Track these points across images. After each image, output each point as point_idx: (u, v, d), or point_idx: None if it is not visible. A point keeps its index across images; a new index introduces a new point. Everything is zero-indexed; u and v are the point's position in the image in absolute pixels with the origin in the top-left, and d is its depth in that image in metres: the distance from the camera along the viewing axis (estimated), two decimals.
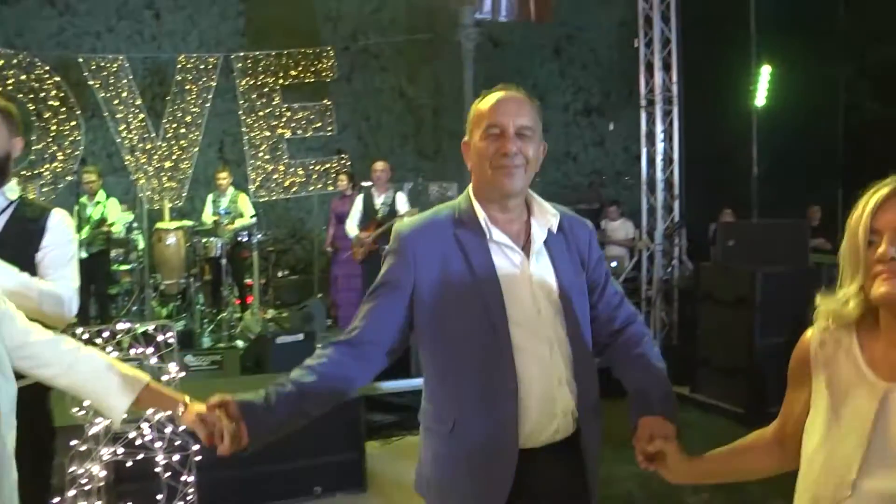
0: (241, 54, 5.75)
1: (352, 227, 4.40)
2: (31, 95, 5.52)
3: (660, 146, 5.39)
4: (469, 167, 1.03)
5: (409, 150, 6.07)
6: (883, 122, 5.98)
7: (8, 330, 0.85)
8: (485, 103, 1.01)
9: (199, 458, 1.97)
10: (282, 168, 5.83)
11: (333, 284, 4.91)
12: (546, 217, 1.04)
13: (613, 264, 5.33)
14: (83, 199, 4.49)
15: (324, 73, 5.83)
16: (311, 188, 5.81)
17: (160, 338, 1.96)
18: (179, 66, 5.69)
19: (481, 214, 1.01)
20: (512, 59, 5.80)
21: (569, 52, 6.25)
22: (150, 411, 1.57)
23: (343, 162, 5.82)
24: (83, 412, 1.41)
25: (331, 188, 5.66)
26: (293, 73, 5.77)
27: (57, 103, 5.59)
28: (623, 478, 2.94)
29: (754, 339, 3.21)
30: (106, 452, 1.33)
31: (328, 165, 5.84)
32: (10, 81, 5.44)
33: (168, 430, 1.97)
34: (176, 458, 2.00)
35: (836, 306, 0.69)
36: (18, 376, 1.00)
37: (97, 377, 0.88)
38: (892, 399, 0.64)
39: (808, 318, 0.77)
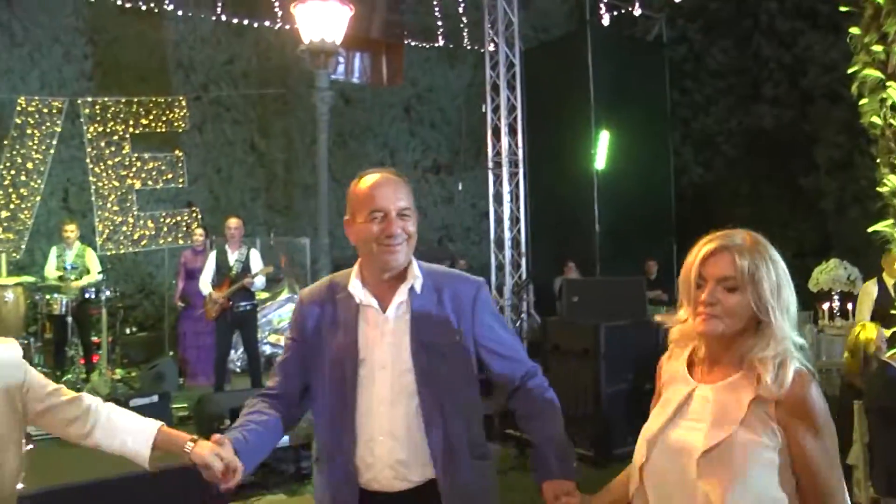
0: (89, 99, 7.23)
1: (205, 284, 5.46)
2: None
3: (507, 206, 7.34)
4: (353, 242, 1.47)
5: (260, 203, 8.26)
6: (705, 184, 8.27)
7: (34, 397, 1.16)
8: (364, 187, 1.43)
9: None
10: (131, 220, 7.57)
11: (182, 340, 6.44)
12: (412, 280, 1.48)
13: None
14: None
15: (175, 123, 7.46)
16: (161, 241, 7.54)
17: None
18: (19, 108, 7.03)
19: (355, 281, 1.49)
20: (363, 117, 7.62)
21: (418, 111, 8.33)
22: None
23: (194, 215, 7.41)
24: None
25: (181, 241, 7.44)
26: (143, 121, 7.32)
27: None
28: None
29: (600, 387, 4.08)
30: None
31: (179, 218, 7.72)
32: None
33: None
34: None
35: (682, 327, 1.19)
36: None
37: (117, 432, 1.23)
38: (695, 394, 1.18)
39: (649, 365, 1.27)
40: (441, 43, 8.03)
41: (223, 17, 7.32)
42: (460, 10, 7.96)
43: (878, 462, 2.64)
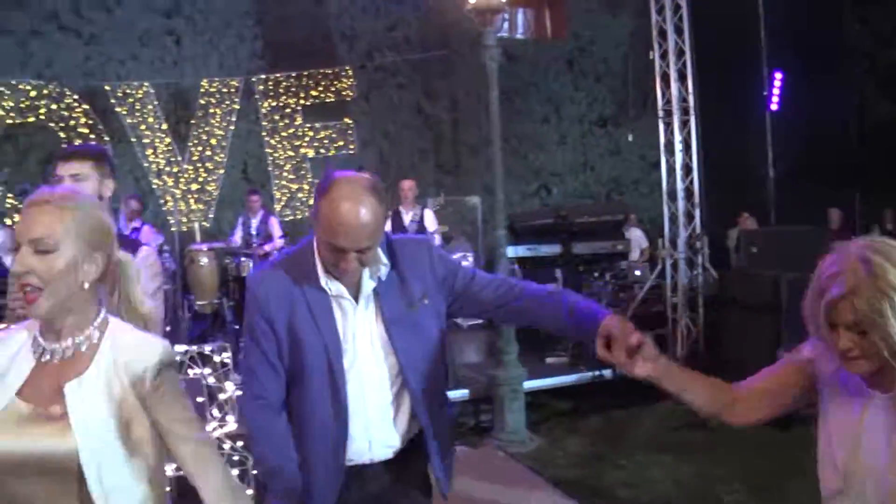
0: (262, 76, 9.74)
1: None
2: (62, 124, 9.48)
3: (679, 156, 9.12)
4: (316, 232, 1.86)
5: (429, 165, 10.08)
6: (893, 123, 9.75)
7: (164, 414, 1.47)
8: (330, 215, 1.77)
9: (256, 472, 3.30)
10: (306, 187, 9.81)
11: None
12: (376, 267, 1.93)
13: (637, 273, 9.13)
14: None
15: (343, 92, 9.82)
16: None
17: (217, 358, 3.58)
18: (202, 90, 9.67)
19: (321, 274, 1.91)
20: (526, 73, 9.74)
21: (581, 63, 10.31)
22: (210, 426, 3.34)
23: None
24: None
25: None
26: (313, 93, 9.76)
27: (86, 130, 9.55)
28: (659, 479, 4.57)
29: (781, 342, 4.55)
30: (168, 469, 1.85)
31: None
32: (41, 111, 9.41)
33: (227, 445, 3.58)
34: (235, 472, 3.33)
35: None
36: None
37: (220, 492, 1.49)
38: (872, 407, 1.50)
39: None
40: None
41: None
42: None
43: None
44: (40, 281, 1.39)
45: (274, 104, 9.83)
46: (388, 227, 7.12)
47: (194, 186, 9.65)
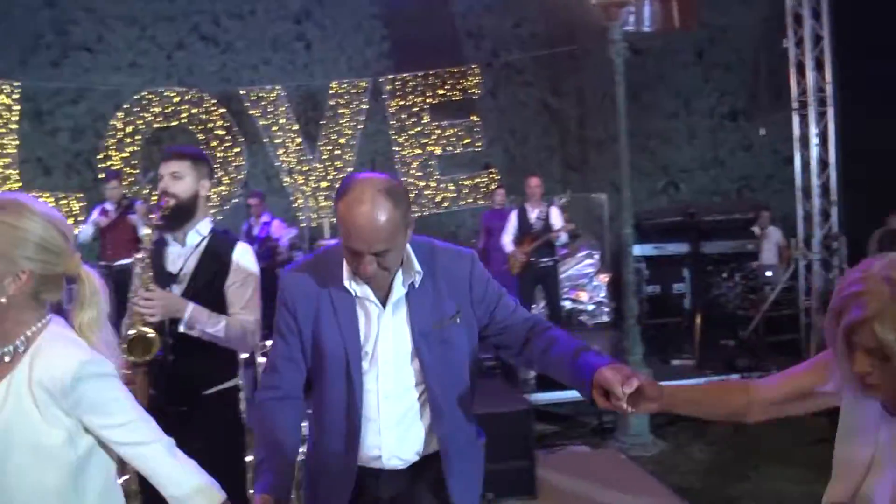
0: (390, 77, 10.93)
1: (507, 241, 7.94)
2: (201, 126, 10.96)
3: (814, 150, 9.45)
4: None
5: (555, 162, 10.83)
6: None
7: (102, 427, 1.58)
8: (344, 214, 1.89)
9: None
10: (433, 184, 10.88)
11: None
12: (410, 273, 2.03)
13: (769, 273, 9.67)
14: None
15: (470, 90, 10.87)
16: (462, 203, 10.84)
17: None
18: (332, 91, 10.94)
19: (347, 276, 2.03)
20: (653, 67, 10.46)
21: (711, 54, 10.91)
22: None
23: (492, 176, 10.87)
24: None
25: (481, 202, 10.64)
26: (440, 91, 10.86)
27: (223, 132, 11.01)
28: (787, 495, 4.61)
29: None
30: None
31: (478, 180, 10.85)
32: (183, 115, 10.92)
33: None
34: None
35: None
36: (212, 382, 2.81)
37: (178, 489, 1.64)
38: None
39: None
40: None
41: None
42: None
43: None
44: None
45: (401, 103, 10.85)
46: (513, 223, 7.92)
47: (324, 184, 10.91)
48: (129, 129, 10.70)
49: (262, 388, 2.19)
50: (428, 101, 10.93)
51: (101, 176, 10.29)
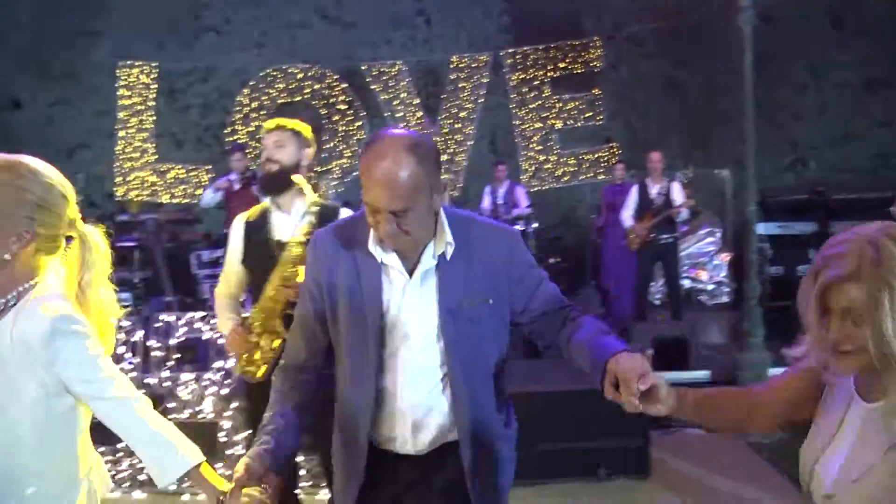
0: (510, 51, 11.74)
1: (627, 217, 8.17)
2: (323, 101, 12.02)
3: None
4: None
5: (677, 136, 11.06)
6: None
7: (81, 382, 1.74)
8: (364, 168, 1.89)
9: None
10: (553, 158, 11.52)
11: (604, 272, 9.72)
12: (442, 244, 2.01)
13: None
14: None
15: (591, 63, 11.55)
16: (582, 177, 11.49)
17: None
18: (452, 65, 11.80)
19: (373, 241, 2.01)
20: (784, 35, 10.73)
21: (848, 20, 11.08)
22: None
23: (613, 150, 11.54)
24: None
25: (601, 177, 11.14)
26: (561, 64, 11.52)
27: (344, 107, 12.06)
28: None
29: None
30: None
31: (598, 154, 11.37)
32: (306, 91, 12.00)
33: None
34: None
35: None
36: None
37: (151, 447, 1.79)
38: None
39: None
40: None
41: None
42: None
43: None
44: None
45: (522, 77, 11.41)
46: (634, 198, 8.22)
47: (444, 158, 11.78)
48: (255, 104, 11.74)
49: (284, 354, 2.23)
50: (549, 74, 11.51)
51: (228, 149, 11.62)
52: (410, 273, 2.06)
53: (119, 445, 4.64)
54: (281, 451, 2.01)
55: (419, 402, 2.09)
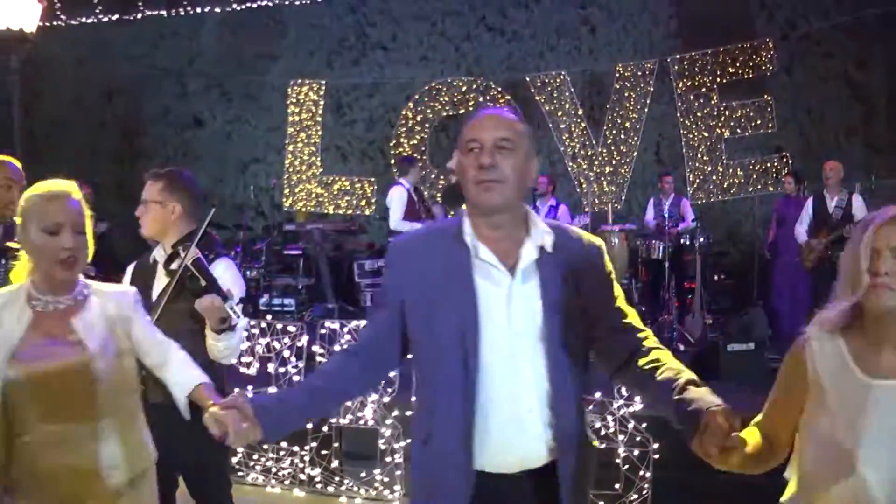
0: (677, 57, 12.43)
1: (801, 232, 8.44)
2: None
3: None
4: (461, 187, 2.18)
5: (856, 144, 11.17)
6: None
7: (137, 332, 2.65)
8: (469, 119, 2.15)
9: (657, 456, 4.55)
10: (720, 169, 11.88)
11: (774, 292, 9.75)
12: (540, 236, 2.12)
13: None
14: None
15: (762, 67, 11.86)
16: (750, 189, 11.76)
17: None
18: (617, 74, 12.68)
19: (468, 231, 2.11)
20: None
21: None
22: (615, 405, 4.82)
23: (784, 160, 12.03)
24: None
25: (771, 189, 11.40)
26: (730, 69, 11.96)
27: None
28: None
29: None
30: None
31: (768, 165, 11.67)
32: (471, 103, 13.12)
33: (630, 425, 4.80)
34: (636, 452, 4.74)
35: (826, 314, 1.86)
36: None
37: (173, 371, 2.72)
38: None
39: None
40: None
41: None
42: None
43: None
44: (83, 256, 2.54)
45: (689, 84, 11.87)
46: (809, 211, 8.50)
47: (607, 169, 12.50)
48: (419, 118, 12.96)
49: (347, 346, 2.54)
50: (717, 80, 11.82)
51: (392, 162, 13.21)
52: (511, 271, 2.17)
53: (283, 444, 5.51)
54: (282, 416, 2.23)
55: (522, 408, 2.15)
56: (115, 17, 13.69)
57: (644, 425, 4.94)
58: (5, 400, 2.39)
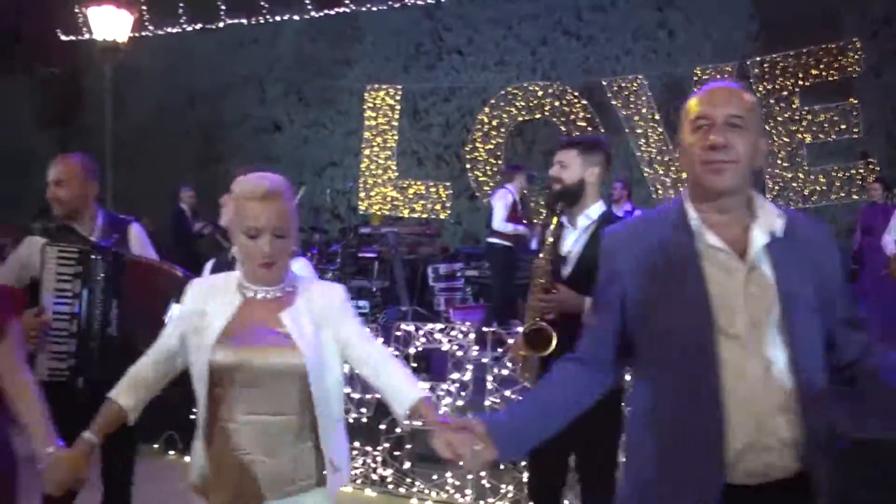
0: (757, 59, 12.31)
1: (889, 242, 8.02)
2: (563, 119, 13.17)
3: None
4: (683, 168, 2.06)
5: None
6: None
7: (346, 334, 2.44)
8: (694, 97, 2.00)
9: None
10: (801, 176, 11.67)
11: (862, 303, 9.00)
12: (770, 219, 1.97)
13: None
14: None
15: (849, 69, 11.54)
16: (833, 197, 11.50)
17: None
18: (696, 78, 12.40)
19: (693, 216, 1.96)
20: None
21: None
22: None
23: (870, 167, 11.71)
24: None
25: (855, 196, 11.06)
26: (813, 71, 11.72)
27: (584, 124, 13.14)
28: None
29: None
30: None
31: (852, 171, 11.38)
32: (546, 108, 13.32)
33: None
34: None
35: None
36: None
37: (392, 383, 2.42)
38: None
39: None
40: None
41: None
42: None
43: None
44: (280, 257, 2.45)
45: (769, 87, 11.70)
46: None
47: (684, 175, 12.69)
48: (495, 122, 13.10)
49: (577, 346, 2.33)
50: (799, 83, 11.65)
51: (468, 166, 13.37)
52: (741, 256, 2.00)
53: (356, 444, 5.59)
54: (517, 433, 2.13)
55: (771, 407, 1.96)
56: (199, 26, 14.17)
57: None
58: (212, 384, 2.40)
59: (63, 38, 14.46)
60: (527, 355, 3.58)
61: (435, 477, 5.47)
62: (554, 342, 3.36)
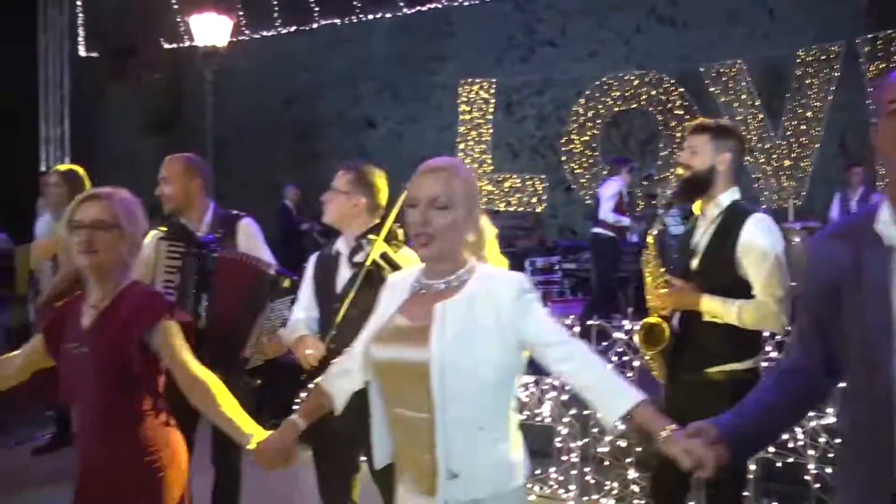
0: (868, 36, 11.68)
1: None
2: (660, 108, 12.95)
3: None
4: (878, 159, 1.86)
5: None
6: None
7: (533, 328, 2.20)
8: (885, 80, 1.81)
9: None
10: None
11: None
12: None
13: None
14: None
15: None
16: None
17: None
18: (798, 60, 12.20)
19: (883, 218, 1.82)
20: None
21: None
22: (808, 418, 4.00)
23: None
24: None
25: None
26: None
27: (681, 112, 12.88)
28: None
29: None
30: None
31: None
32: (642, 98, 13.06)
33: (822, 439, 4.22)
34: (828, 470, 4.17)
35: None
36: (715, 362, 3.20)
37: (599, 385, 2.21)
38: None
39: None
40: None
41: None
42: None
43: None
44: (435, 231, 2.24)
45: (882, 66, 11.12)
46: None
47: (787, 163, 11.90)
48: (590, 113, 12.99)
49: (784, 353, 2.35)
50: None
51: (563, 158, 13.28)
52: None
53: None
54: (747, 437, 2.08)
55: None
56: (294, 28, 14.47)
57: (838, 441, 4.40)
58: (375, 377, 2.39)
59: (167, 46, 14.97)
60: (645, 352, 3.55)
61: (538, 472, 5.42)
62: (666, 338, 3.37)
